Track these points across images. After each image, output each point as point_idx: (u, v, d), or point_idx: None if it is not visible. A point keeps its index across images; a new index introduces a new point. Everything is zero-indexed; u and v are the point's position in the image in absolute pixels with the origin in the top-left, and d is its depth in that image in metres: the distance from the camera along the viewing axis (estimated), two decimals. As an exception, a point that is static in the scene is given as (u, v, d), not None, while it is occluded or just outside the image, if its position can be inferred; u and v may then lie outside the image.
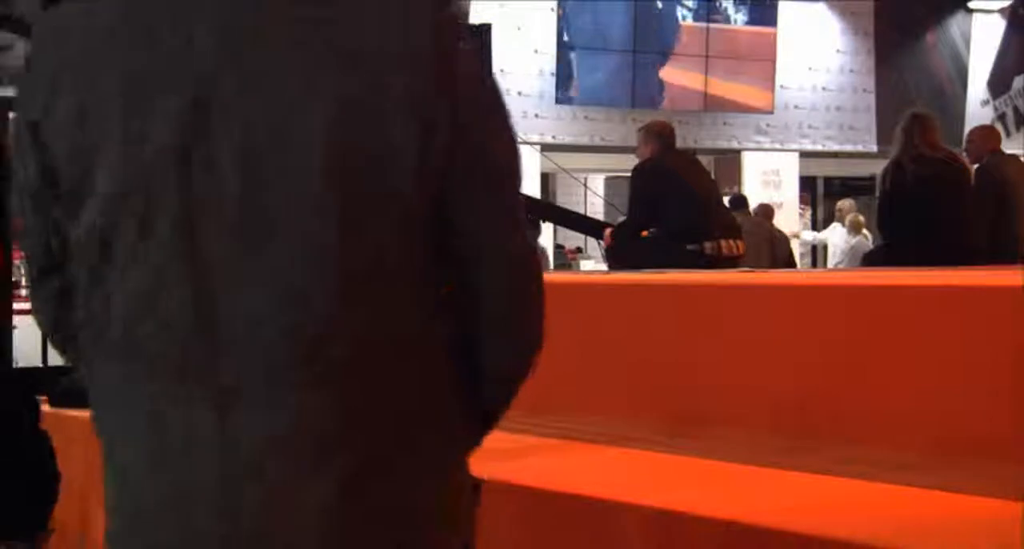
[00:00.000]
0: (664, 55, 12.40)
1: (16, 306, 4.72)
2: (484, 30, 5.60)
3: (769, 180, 13.11)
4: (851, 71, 13.61)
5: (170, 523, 1.25)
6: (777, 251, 10.11)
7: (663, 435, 3.00)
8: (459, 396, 1.34)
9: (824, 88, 13.46)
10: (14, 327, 4.53)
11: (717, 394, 3.12)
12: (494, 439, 1.44)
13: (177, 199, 1.23)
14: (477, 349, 1.35)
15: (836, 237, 11.76)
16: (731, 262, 6.13)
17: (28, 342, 4.83)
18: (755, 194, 12.29)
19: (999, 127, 11.19)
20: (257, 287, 1.23)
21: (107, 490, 1.33)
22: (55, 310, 1.39)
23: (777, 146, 13.23)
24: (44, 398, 4.26)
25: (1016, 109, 14.04)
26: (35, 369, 4.62)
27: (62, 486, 4.00)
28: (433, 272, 1.30)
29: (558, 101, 11.89)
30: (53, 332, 1.43)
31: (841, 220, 11.73)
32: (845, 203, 11.77)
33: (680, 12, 12.54)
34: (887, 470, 2.50)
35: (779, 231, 10.68)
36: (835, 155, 13.61)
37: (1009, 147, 8.20)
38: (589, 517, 2.38)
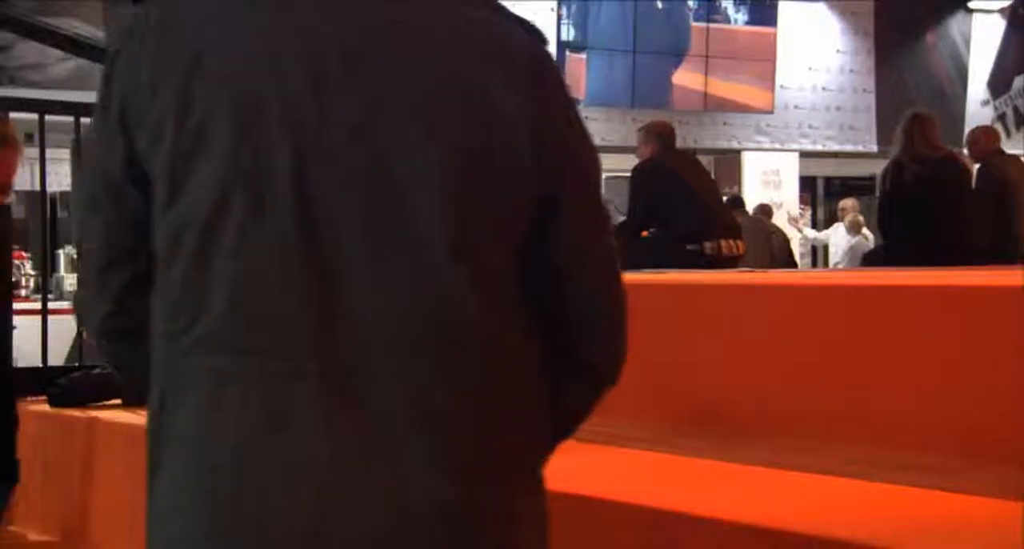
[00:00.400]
0: (679, 56, 12.40)
1: (16, 306, 4.72)
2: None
3: (769, 180, 13.11)
4: (851, 71, 13.60)
5: (266, 525, 1.20)
6: (775, 246, 10.13)
7: (663, 435, 3.00)
8: (544, 408, 1.35)
9: (824, 88, 13.45)
10: (14, 327, 4.54)
11: (717, 394, 3.12)
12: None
13: (292, 186, 1.21)
14: (565, 358, 1.36)
15: (838, 237, 11.74)
16: (731, 262, 6.13)
17: (28, 342, 4.83)
18: (755, 194, 12.30)
19: (999, 127, 11.21)
20: (384, 280, 1.22)
21: (167, 495, 1.26)
22: (119, 301, 1.34)
23: (777, 146, 13.22)
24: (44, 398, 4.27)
25: (1016, 109, 14.04)
26: (35, 369, 4.62)
27: (62, 486, 4.01)
28: (528, 285, 1.31)
29: (558, 101, 11.86)
30: (107, 323, 1.36)
31: (843, 219, 11.72)
32: (848, 202, 11.74)
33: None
34: (887, 470, 2.50)
35: (777, 227, 10.70)
36: (835, 155, 13.60)
37: (1009, 147, 8.20)
38: (590, 517, 2.38)
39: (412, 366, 1.22)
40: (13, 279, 5.58)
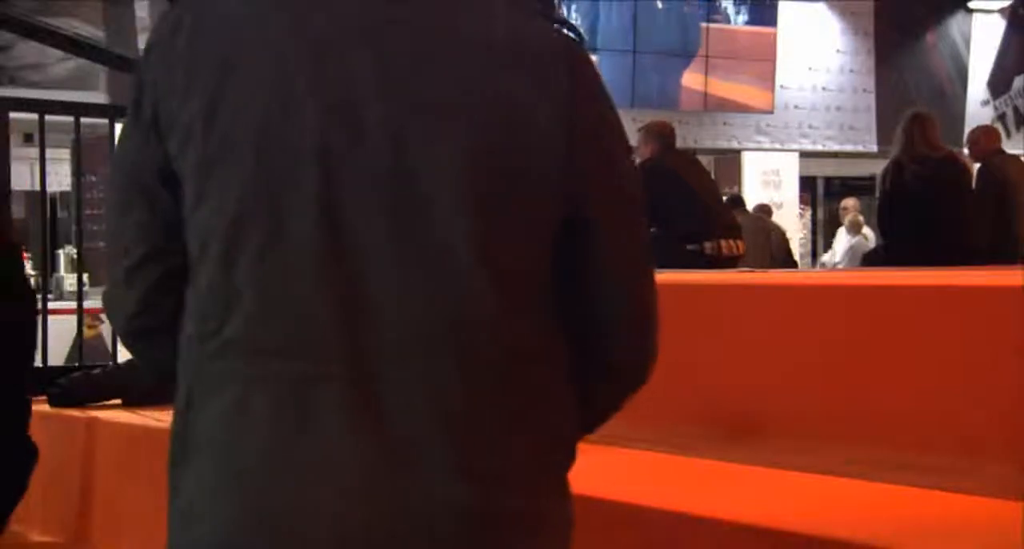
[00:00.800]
0: (688, 57, 12.39)
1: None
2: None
3: (769, 180, 13.11)
4: (851, 71, 13.61)
5: (291, 527, 1.20)
6: (774, 244, 10.16)
7: (663, 435, 3.00)
8: (570, 409, 1.34)
9: (824, 88, 13.46)
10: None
11: (717, 394, 3.12)
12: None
13: (316, 189, 1.21)
14: (594, 358, 1.35)
15: (842, 237, 11.73)
16: (731, 262, 6.13)
17: (28, 342, 4.82)
18: (755, 194, 12.30)
19: (999, 127, 11.20)
20: (407, 282, 1.21)
21: (193, 498, 1.25)
22: (147, 300, 1.33)
23: (777, 146, 13.23)
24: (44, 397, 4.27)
25: (1016, 109, 14.04)
26: (35, 369, 4.62)
27: (62, 486, 4.01)
28: (558, 285, 1.31)
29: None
30: (133, 323, 1.36)
31: (845, 219, 11.72)
32: (850, 202, 11.74)
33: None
34: (887, 470, 2.50)
35: (776, 224, 10.73)
36: (835, 155, 13.61)
37: (1009, 147, 8.20)
38: (590, 517, 2.37)
39: (431, 368, 1.22)
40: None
